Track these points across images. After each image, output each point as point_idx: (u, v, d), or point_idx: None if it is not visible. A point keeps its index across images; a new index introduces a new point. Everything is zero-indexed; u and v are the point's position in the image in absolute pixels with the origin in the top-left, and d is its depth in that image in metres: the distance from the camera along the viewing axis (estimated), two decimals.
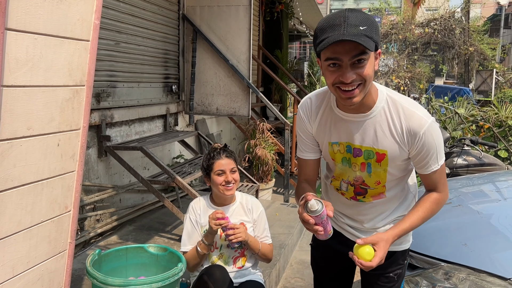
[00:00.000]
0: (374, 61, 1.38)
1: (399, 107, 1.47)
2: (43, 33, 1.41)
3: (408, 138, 1.47)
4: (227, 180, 2.14)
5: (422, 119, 1.45)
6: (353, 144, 1.55)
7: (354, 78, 1.34)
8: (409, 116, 1.46)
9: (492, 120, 5.36)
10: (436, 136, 1.48)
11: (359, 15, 1.32)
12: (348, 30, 1.29)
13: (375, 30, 1.33)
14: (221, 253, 2.20)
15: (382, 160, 1.53)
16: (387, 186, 1.61)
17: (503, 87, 16.51)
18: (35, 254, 1.55)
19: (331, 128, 1.57)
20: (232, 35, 4.76)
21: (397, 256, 1.70)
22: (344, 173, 1.63)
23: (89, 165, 3.59)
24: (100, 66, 3.60)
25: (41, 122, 1.47)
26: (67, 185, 1.65)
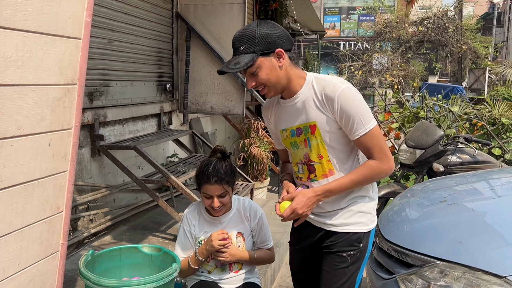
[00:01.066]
0: (270, 63, 1.65)
1: (320, 82, 1.71)
2: (33, 30, 1.38)
3: (328, 104, 1.67)
4: (213, 206, 2.03)
5: (335, 85, 1.67)
6: (294, 126, 1.78)
7: (253, 85, 1.69)
8: (325, 85, 1.69)
9: (486, 118, 5.38)
10: (353, 100, 1.65)
11: (239, 36, 1.67)
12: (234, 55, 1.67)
13: (256, 42, 1.62)
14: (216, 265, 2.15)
15: (315, 131, 1.72)
16: (333, 162, 1.74)
17: (496, 85, 16.61)
18: (27, 255, 1.53)
19: (280, 118, 1.84)
20: (226, 33, 4.74)
21: (352, 237, 1.78)
22: (296, 155, 1.83)
23: (82, 164, 3.56)
24: (93, 64, 3.56)
25: (32, 121, 1.44)
26: (59, 185, 1.62)
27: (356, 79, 17.51)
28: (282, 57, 1.66)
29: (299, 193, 1.71)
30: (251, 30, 1.64)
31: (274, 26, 1.67)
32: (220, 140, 6.59)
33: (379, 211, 3.87)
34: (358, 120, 1.64)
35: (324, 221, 1.82)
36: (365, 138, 1.66)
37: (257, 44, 1.62)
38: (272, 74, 1.66)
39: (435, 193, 2.61)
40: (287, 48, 1.68)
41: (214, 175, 2.00)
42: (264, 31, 1.64)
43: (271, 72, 1.66)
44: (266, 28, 1.64)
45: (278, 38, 1.65)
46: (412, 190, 2.83)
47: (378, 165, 1.68)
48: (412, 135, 3.94)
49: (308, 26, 11.90)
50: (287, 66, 1.69)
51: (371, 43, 19.34)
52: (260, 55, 1.63)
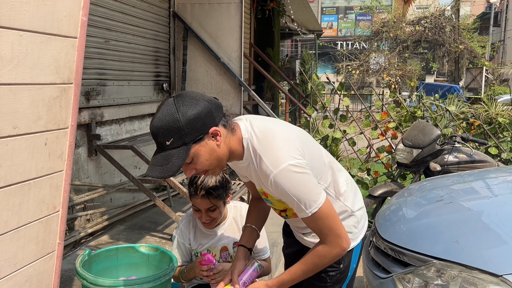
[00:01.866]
0: (207, 146, 1.40)
1: (257, 157, 1.45)
2: (28, 29, 1.38)
3: (264, 182, 1.46)
4: (202, 220, 1.97)
5: (267, 169, 1.42)
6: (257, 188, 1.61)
7: (195, 172, 1.45)
8: (260, 166, 1.44)
9: (482, 118, 5.39)
10: (290, 184, 1.41)
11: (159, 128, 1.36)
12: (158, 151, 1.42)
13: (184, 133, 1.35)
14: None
15: (268, 195, 1.56)
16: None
17: (493, 84, 16.66)
18: (23, 255, 1.52)
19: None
20: (223, 32, 4.74)
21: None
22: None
23: (79, 164, 3.55)
24: (90, 64, 3.55)
25: (28, 120, 1.44)
26: (55, 185, 1.62)
27: (354, 79, 17.53)
28: (218, 134, 1.41)
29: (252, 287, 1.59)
30: (172, 118, 1.34)
31: (196, 101, 1.37)
32: None
33: (376, 210, 3.88)
34: (297, 205, 1.44)
35: (301, 236, 1.73)
36: (308, 220, 1.48)
37: (186, 134, 1.35)
38: (213, 157, 1.42)
39: (432, 192, 2.62)
40: (219, 121, 1.41)
41: (201, 188, 1.89)
42: (189, 114, 1.34)
43: (211, 155, 1.41)
44: (189, 109, 1.35)
45: (206, 115, 1.37)
46: (409, 189, 2.84)
47: (327, 250, 1.50)
48: (409, 134, 3.95)
49: (305, 26, 11.91)
50: (225, 138, 1.44)
51: (369, 43, 19.36)
52: (193, 143, 1.37)
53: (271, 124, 1.54)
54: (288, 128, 1.59)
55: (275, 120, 1.65)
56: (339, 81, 5.02)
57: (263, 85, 8.22)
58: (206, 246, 2.08)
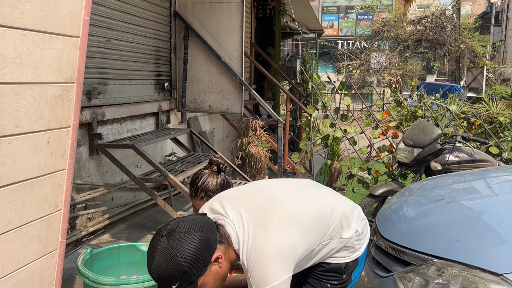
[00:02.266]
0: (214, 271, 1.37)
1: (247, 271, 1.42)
2: (31, 29, 1.38)
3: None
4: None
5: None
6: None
7: None
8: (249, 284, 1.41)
9: (483, 117, 5.39)
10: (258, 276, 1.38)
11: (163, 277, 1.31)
12: None
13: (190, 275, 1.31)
14: None
15: None
16: None
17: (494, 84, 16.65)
18: (25, 253, 1.53)
19: None
20: (224, 32, 4.74)
21: (333, 268, 1.68)
22: None
23: (81, 163, 3.55)
24: (91, 63, 3.56)
25: (30, 119, 1.44)
26: (57, 183, 1.62)
27: (354, 78, 17.53)
28: (220, 257, 1.38)
29: None
30: (174, 265, 1.29)
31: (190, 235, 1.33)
32: (218, 139, 6.59)
33: (377, 210, 3.88)
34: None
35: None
36: None
37: (192, 275, 1.32)
38: (218, 279, 1.41)
39: (433, 192, 2.62)
40: (215, 243, 1.38)
41: (201, 190, 1.89)
42: (189, 254, 1.30)
43: (216, 279, 1.40)
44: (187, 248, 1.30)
45: (206, 247, 1.34)
46: (409, 189, 2.84)
47: None
48: (410, 134, 3.95)
49: (306, 25, 11.90)
50: (225, 255, 1.41)
51: (369, 42, 19.36)
52: (200, 276, 1.35)
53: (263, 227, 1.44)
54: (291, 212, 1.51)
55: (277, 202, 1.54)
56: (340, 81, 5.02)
57: (264, 84, 8.21)
58: None
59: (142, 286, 1.87)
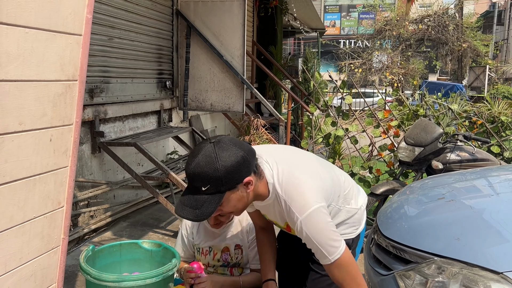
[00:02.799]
0: (238, 194, 1.44)
1: (283, 202, 1.51)
2: (34, 27, 1.39)
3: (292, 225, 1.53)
4: (210, 222, 2.00)
5: (294, 215, 1.48)
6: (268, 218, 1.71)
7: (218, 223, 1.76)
8: (287, 211, 1.50)
9: (485, 116, 5.38)
10: (315, 230, 1.47)
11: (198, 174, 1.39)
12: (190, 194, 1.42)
13: (222, 182, 1.38)
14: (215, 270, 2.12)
15: (291, 229, 1.62)
16: None
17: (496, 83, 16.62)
18: (28, 250, 1.54)
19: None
20: (226, 30, 4.74)
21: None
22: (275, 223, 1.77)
23: (83, 161, 3.57)
24: (93, 61, 3.57)
25: (33, 117, 1.45)
26: (60, 180, 1.63)
27: (356, 77, 17.51)
28: (251, 183, 1.45)
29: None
30: (212, 167, 1.37)
31: (235, 150, 1.40)
32: None
33: (378, 208, 3.89)
34: (320, 252, 1.50)
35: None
36: (331, 268, 1.52)
37: (223, 184, 1.38)
38: (240, 203, 1.48)
39: (434, 190, 2.62)
40: (252, 168, 1.46)
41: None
42: (228, 164, 1.37)
43: (239, 202, 1.47)
44: (228, 159, 1.38)
45: (243, 166, 1.41)
46: (410, 187, 2.84)
47: None
48: (411, 132, 3.95)
49: (308, 24, 11.90)
50: (254, 185, 1.48)
51: (371, 41, 19.33)
52: (227, 191, 1.41)
53: (295, 167, 1.57)
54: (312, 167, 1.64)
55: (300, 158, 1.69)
56: (341, 80, 5.02)
57: (266, 83, 8.22)
58: (209, 243, 2.09)
59: (143, 283, 1.88)
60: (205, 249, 2.11)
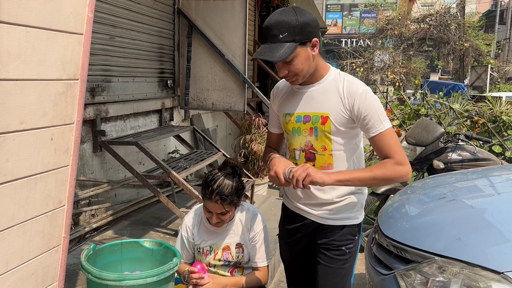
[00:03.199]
0: (306, 53, 1.64)
1: (343, 79, 1.73)
2: (35, 26, 1.39)
3: (348, 98, 1.69)
4: (212, 221, 2.00)
5: (358, 85, 1.70)
6: (302, 112, 1.77)
7: (286, 73, 1.68)
8: (349, 84, 1.71)
9: (487, 116, 5.38)
10: (372, 100, 1.69)
11: (278, 23, 1.60)
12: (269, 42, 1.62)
13: (297, 31, 1.59)
14: (216, 271, 2.12)
15: (326, 122, 1.72)
16: (334, 157, 1.75)
17: (498, 82, 16.58)
18: (29, 248, 1.54)
19: (287, 102, 1.83)
20: (227, 29, 4.74)
21: (347, 230, 1.82)
22: (295, 141, 1.81)
23: (84, 160, 3.57)
24: (95, 60, 3.57)
25: (34, 116, 1.46)
26: (61, 179, 1.64)
27: (358, 76, 17.48)
28: (316, 46, 1.66)
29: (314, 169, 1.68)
30: (291, 18, 1.59)
31: (309, 14, 1.65)
32: (221, 137, 6.61)
33: (379, 208, 3.89)
34: (377, 118, 1.67)
35: (318, 214, 1.83)
36: (383, 135, 1.67)
37: (298, 33, 1.59)
38: (306, 64, 1.66)
39: (435, 190, 2.62)
40: (319, 38, 1.68)
41: (217, 193, 1.91)
42: (304, 19, 1.60)
43: (306, 61, 1.65)
44: (304, 16, 1.61)
45: (315, 27, 1.64)
46: (412, 187, 2.84)
47: (399, 165, 1.66)
48: (412, 132, 3.95)
49: None
50: (316, 56, 1.70)
51: (373, 40, 19.30)
52: (299, 44, 1.61)
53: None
54: None
55: None
56: None
57: (267, 82, 8.22)
58: (209, 243, 2.10)
59: (144, 282, 1.88)
60: (206, 249, 2.11)
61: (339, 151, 1.75)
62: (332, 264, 1.82)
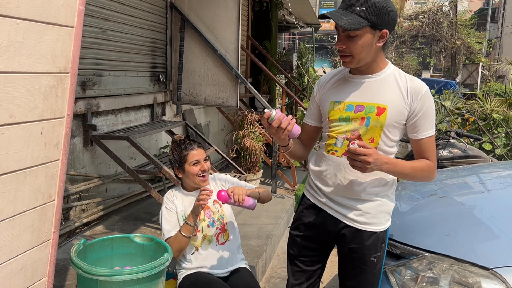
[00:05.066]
0: (372, 39, 1.60)
1: (404, 75, 1.71)
2: (25, 18, 1.37)
3: (411, 95, 1.66)
4: (203, 169, 2.21)
5: (422, 83, 1.69)
6: (356, 101, 1.71)
7: (343, 48, 1.62)
8: (413, 80, 1.69)
9: (477, 113, 5.42)
10: (432, 102, 1.70)
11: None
12: (343, 8, 1.59)
13: (375, 12, 1.55)
14: (204, 234, 2.24)
15: (382, 114, 1.66)
16: (379, 150, 1.69)
17: (489, 80, 16.72)
18: (18, 243, 1.53)
19: (338, 91, 1.77)
20: (220, 24, 4.72)
21: (378, 237, 1.77)
22: (341, 129, 1.74)
23: (75, 154, 3.54)
24: (86, 54, 3.54)
25: (24, 109, 1.44)
26: (51, 174, 1.62)
27: None
28: (384, 39, 1.63)
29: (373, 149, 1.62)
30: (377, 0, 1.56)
31: (393, 5, 1.61)
32: (214, 132, 6.59)
33: None
34: (431, 121, 1.68)
35: (345, 214, 1.78)
36: (429, 140, 1.70)
37: (375, 15, 1.56)
38: (365, 50, 1.61)
39: (426, 187, 2.64)
40: (390, 32, 1.65)
41: (193, 142, 2.26)
42: (386, 5, 1.57)
43: (367, 47, 1.61)
44: (388, 3, 1.58)
45: (392, 20, 1.61)
46: (403, 184, 2.86)
47: (433, 166, 1.72)
48: None
49: (303, 19, 11.87)
50: (379, 48, 1.66)
51: None
52: (370, 26, 1.57)
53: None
54: None
55: None
56: None
57: (260, 78, 8.20)
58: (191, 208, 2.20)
59: (135, 277, 1.87)
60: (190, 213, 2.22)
61: (385, 147, 1.71)
62: (363, 273, 1.78)
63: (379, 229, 1.77)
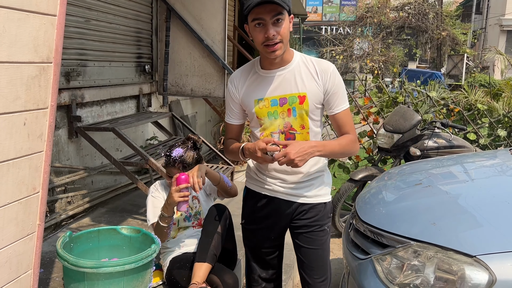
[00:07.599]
0: (288, 23, 1.70)
1: (309, 59, 1.81)
2: (6, 6, 1.34)
3: (321, 75, 1.78)
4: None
5: (328, 63, 1.81)
6: (277, 95, 1.79)
7: (275, 34, 1.66)
8: (319, 62, 1.81)
9: (462, 104, 5.49)
10: (340, 78, 1.82)
11: None
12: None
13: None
14: (179, 227, 2.35)
15: (304, 101, 1.77)
16: (310, 134, 1.82)
17: (474, 71, 16.91)
18: (2, 236, 1.51)
19: (256, 88, 1.82)
20: (207, 14, 4.67)
21: (327, 208, 1.95)
22: (273, 125, 1.82)
23: (59, 146, 3.50)
24: (70, 43, 3.48)
25: (6, 100, 1.41)
26: (34, 165, 1.59)
27: (337, 64, 17.56)
28: (291, 21, 1.74)
29: (293, 141, 1.72)
30: None
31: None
32: (201, 123, 6.56)
33: (356, 194, 3.94)
34: (342, 95, 1.80)
35: (298, 193, 1.89)
36: (344, 113, 1.81)
37: (289, 1, 1.69)
38: (287, 35, 1.71)
39: (411, 176, 2.67)
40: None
41: (180, 161, 2.24)
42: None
43: (288, 32, 1.71)
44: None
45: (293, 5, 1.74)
46: (389, 173, 2.88)
47: (354, 139, 1.84)
48: (390, 119, 4.00)
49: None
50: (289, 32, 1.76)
51: (353, 28, 19.37)
52: (287, 11, 1.68)
53: None
54: None
55: None
56: None
57: None
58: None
59: (122, 269, 1.87)
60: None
61: (314, 129, 1.84)
62: (320, 245, 1.93)
63: (327, 199, 1.94)
